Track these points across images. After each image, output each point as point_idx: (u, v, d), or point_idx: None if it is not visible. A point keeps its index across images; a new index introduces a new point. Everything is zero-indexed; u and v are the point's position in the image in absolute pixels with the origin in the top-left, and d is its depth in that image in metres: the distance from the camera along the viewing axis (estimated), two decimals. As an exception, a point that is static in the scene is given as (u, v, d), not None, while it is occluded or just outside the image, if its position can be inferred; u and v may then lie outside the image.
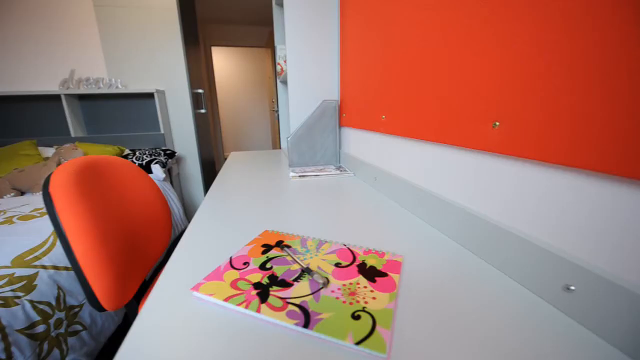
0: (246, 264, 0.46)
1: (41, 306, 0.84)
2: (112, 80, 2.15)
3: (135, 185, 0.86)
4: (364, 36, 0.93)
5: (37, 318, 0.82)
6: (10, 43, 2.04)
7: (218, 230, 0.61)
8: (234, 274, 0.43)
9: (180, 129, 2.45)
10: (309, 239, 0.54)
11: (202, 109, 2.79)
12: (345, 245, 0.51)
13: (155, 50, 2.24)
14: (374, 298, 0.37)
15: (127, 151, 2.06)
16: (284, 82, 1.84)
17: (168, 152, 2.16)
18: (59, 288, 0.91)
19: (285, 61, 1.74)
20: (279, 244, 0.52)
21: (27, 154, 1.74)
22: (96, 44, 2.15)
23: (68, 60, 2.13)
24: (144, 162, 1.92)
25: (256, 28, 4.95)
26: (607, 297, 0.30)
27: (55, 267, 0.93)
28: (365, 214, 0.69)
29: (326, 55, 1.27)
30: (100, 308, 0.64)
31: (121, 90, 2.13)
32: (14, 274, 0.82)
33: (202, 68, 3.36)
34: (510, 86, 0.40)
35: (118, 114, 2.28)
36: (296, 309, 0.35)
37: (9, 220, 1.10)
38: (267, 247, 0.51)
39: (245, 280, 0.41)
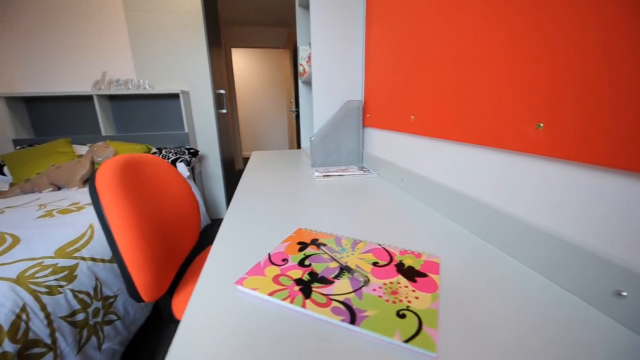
0: (285, 260, 0.47)
1: (81, 295, 0.89)
2: (140, 82, 2.24)
3: (168, 183, 0.90)
4: (392, 36, 0.93)
5: (78, 306, 0.87)
6: (49, 47, 2.17)
7: (251, 227, 0.62)
8: (274, 270, 0.44)
9: (203, 129, 2.52)
10: (343, 238, 0.54)
11: (224, 109, 2.85)
12: (380, 245, 0.52)
13: (181, 52, 2.31)
14: (416, 298, 0.37)
15: (153, 149, 2.14)
16: (306, 83, 1.86)
17: (192, 150, 2.23)
18: (97, 279, 0.96)
19: (308, 62, 1.76)
20: (314, 242, 0.53)
21: (62, 151, 1.84)
22: (126, 47, 2.25)
23: (100, 63, 2.23)
24: (169, 161, 1.99)
25: (275, 29, 5.01)
26: (667, 304, 0.29)
27: (93, 259, 0.98)
28: (394, 214, 0.69)
29: (350, 57, 1.28)
30: (139, 299, 0.68)
31: (148, 90, 2.21)
32: (57, 264, 0.88)
33: (223, 69, 3.44)
34: (557, 87, 0.39)
35: (145, 113, 2.37)
36: (340, 305, 0.36)
37: (49, 214, 1.17)
38: (303, 245, 0.52)
39: (286, 276, 0.42)
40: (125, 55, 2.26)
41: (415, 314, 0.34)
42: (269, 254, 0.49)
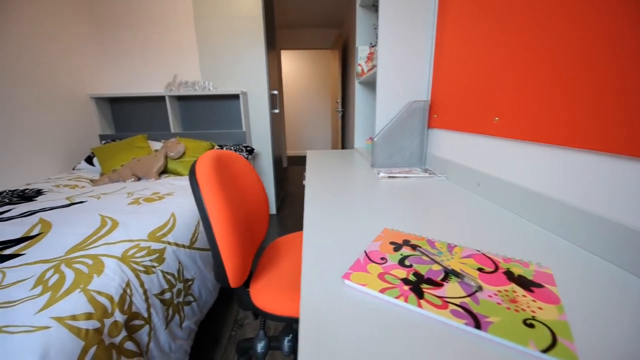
0: (383, 259, 0.48)
1: (168, 276, 0.99)
2: (205, 83, 2.42)
3: (246, 177, 0.96)
4: (472, 35, 0.89)
5: (166, 286, 0.97)
6: (128, 53, 2.44)
7: (332, 224, 0.64)
8: (377, 268, 0.45)
9: (258, 128, 2.65)
10: (436, 241, 0.54)
11: (276, 109, 2.96)
12: (478, 250, 0.50)
13: (242, 55, 2.45)
14: (540, 308, 0.36)
15: (216, 146, 2.29)
16: (364, 83, 1.86)
17: (248, 148, 2.35)
18: (179, 262, 1.07)
19: (367, 61, 1.75)
20: (407, 243, 0.53)
21: (140, 146, 2.06)
22: (194, 51, 2.44)
23: (172, 66, 2.45)
24: (229, 157, 2.12)
25: (323, 30, 5.08)
26: None
27: (177, 244, 1.09)
28: (476, 219, 0.66)
29: (417, 57, 1.25)
30: (227, 285, 0.73)
31: (212, 91, 2.38)
32: (150, 246, 0.99)
33: (275, 71, 3.57)
34: None
35: (207, 112, 2.56)
36: (458, 309, 0.36)
37: (137, 201, 1.32)
38: (397, 245, 0.52)
39: (391, 274, 0.43)
40: (193, 59, 2.46)
41: (545, 325, 0.33)
42: (365, 252, 0.50)
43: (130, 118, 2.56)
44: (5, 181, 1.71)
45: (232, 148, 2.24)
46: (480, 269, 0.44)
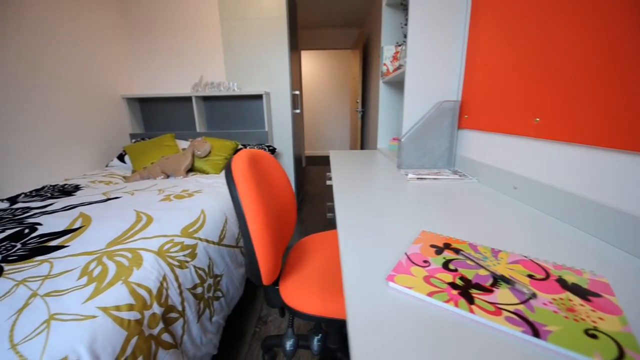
0: (426, 262, 0.47)
1: (200, 272, 1.02)
2: (229, 84, 2.47)
3: (277, 176, 0.98)
4: (510, 32, 0.86)
5: (198, 281, 1.00)
6: (156, 55, 2.54)
7: (367, 226, 0.64)
8: (420, 271, 0.45)
9: (280, 127, 2.68)
10: (479, 245, 0.53)
11: (298, 109, 2.99)
12: (525, 256, 0.49)
13: (265, 55, 2.49)
14: (601, 319, 0.34)
15: (239, 146, 2.34)
16: (388, 83, 1.84)
17: (271, 148, 2.39)
18: (210, 258, 1.10)
19: (392, 61, 1.74)
20: (448, 246, 0.52)
21: (168, 144, 2.14)
22: (219, 52, 2.50)
23: (198, 67, 2.53)
24: (252, 156, 2.16)
25: (343, 30, 5.07)
26: None
27: (207, 241, 1.12)
28: (516, 224, 0.64)
29: (447, 56, 1.23)
30: (260, 282, 0.75)
31: (237, 92, 2.43)
32: (183, 242, 1.02)
33: (296, 71, 3.60)
34: None
35: (231, 112, 2.62)
36: (513, 316, 0.35)
37: (167, 198, 1.37)
38: (438, 248, 0.52)
39: (437, 278, 0.43)
40: (218, 60, 2.52)
41: (609, 336, 0.32)
42: (406, 254, 0.50)
43: (158, 117, 2.66)
44: (47, 177, 1.82)
45: (255, 147, 2.28)
46: (530, 276, 0.43)
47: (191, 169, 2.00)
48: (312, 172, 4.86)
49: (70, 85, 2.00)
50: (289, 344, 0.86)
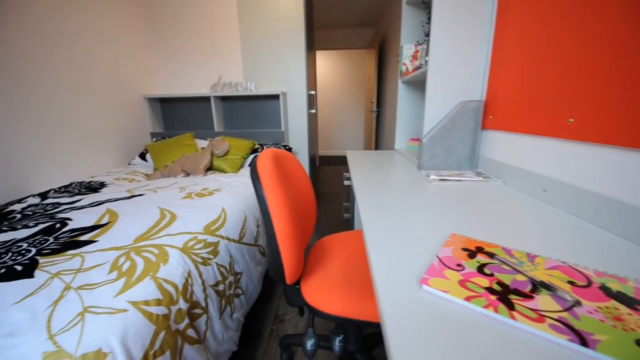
0: (460, 266, 0.46)
1: (221, 269, 1.04)
2: (247, 84, 2.50)
3: (299, 176, 0.98)
4: (539, 30, 0.83)
5: (220, 278, 1.02)
6: (176, 56, 2.60)
7: (392, 229, 0.63)
8: (455, 274, 0.44)
9: (296, 127, 2.69)
10: (513, 250, 0.51)
11: (313, 109, 2.99)
12: (563, 262, 0.47)
13: (282, 56, 2.51)
14: (652, 330, 0.33)
15: (256, 145, 2.37)
16: (407, 83, 1.82)
17: (287, 147, 2.40)
18: (231, 256, 1.12)
19: (412, 60, 1.71)
20: (481, 250, 0.51)
21: (188, 144, 2.18)
22: (237, 53, 2.54)
23: (217, 68, 2.57)
24: (269, 156, 2.18)
25: (358, 30, 5.04)
26: None
27: (228, 239, 1.14)
28: (548, 228, 0.62)
29: (471, 55, 1.20)
30: (283, 281, 0.76)
31: (254, 92, 2.46)
32: (206, 239, 1.04)
33: (312, 71, 3.61)
34: None
35: (248, 112, 2.65)
36: (557, 323, 0.34)
37: (189, 196, 1.40)
38: (470, 252, 0.51)
39: (473, 282, 0.42)
40: (236, 60, 2.55)
41: (664, 348, 0.30)
42: (438, 257, 0.49)
43: (177, 117, 2.72)
44: (74, 174, 1.89)
45: (271, 147, 2.29)
46: (571, 282, 0.42)
47: (210, 168, 2.04)
48: (326, 172, 4.86)
49: (97, 88, 2.07)
50: (309, 344, 0.87)
